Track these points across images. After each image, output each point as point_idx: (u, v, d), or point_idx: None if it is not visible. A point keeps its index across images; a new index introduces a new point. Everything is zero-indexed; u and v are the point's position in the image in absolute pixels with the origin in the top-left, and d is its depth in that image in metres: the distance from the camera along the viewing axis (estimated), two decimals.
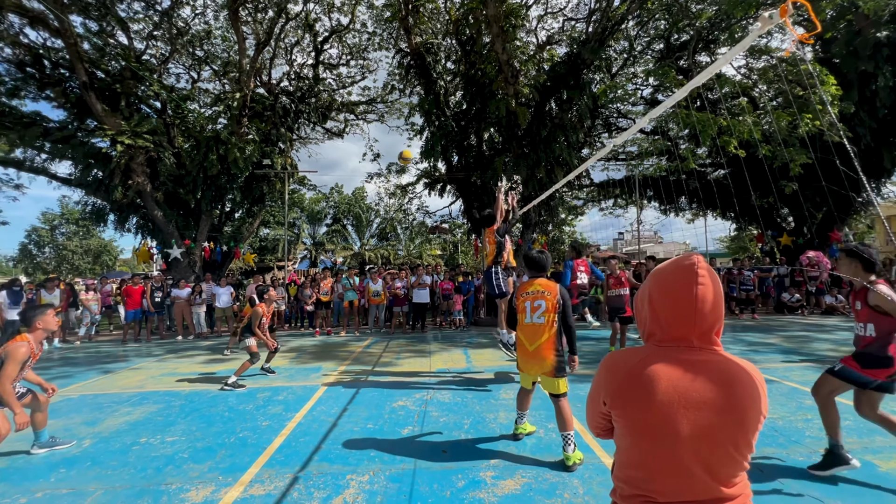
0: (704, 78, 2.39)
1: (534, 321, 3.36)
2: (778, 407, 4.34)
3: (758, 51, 13.53)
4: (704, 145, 11.42)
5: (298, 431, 4.00)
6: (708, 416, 0.97)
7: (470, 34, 14.11)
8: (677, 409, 0.97)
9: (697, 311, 1.02)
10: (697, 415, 0.97)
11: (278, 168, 16.26)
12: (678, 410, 0.97)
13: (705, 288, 1.02)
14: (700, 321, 1.02)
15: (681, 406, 0.97)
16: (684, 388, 0.98)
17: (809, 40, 1.35)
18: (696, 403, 0.97)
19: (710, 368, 1.00)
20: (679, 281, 1.03)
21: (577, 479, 2.99)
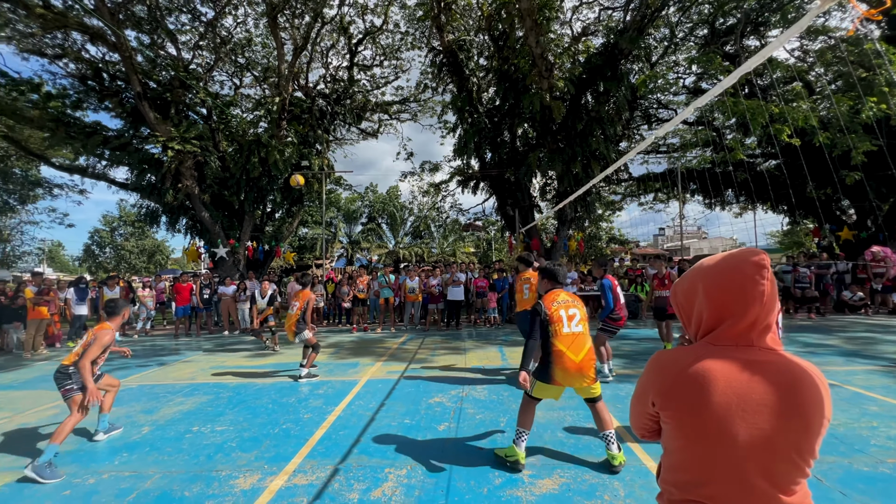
0: (756, 63, 2.25)
1: (573, 330, 3.14)
2: (839, 413, 4.05)
3: (814, 31, 12.62)
4: (754, 134, 10.78)
5: (338, 424, 4.11)
6: (769, 420, 0.91)
7: (503, 29, 13.97)
8: (735, 412, 0.92)
9: (764, 310, 0.97)
10: (757, 418, 0.91)
11: (315, 169, 16.72)
12: (736, 413, 0.92)
13: (773, 285, 0.98)
14: (764, 316, 0.97)
15: (739, 409, 0.92)
16: (743, 390, 0.93)
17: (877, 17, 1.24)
18: (755, 406, 0.92)
19: (771, 369, 0.95)
20: (744, 276, 0.98)
21: (617, 482, 2.91)
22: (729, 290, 0.99)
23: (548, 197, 16.12)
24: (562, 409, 4.38)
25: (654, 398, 1.04)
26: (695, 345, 1.05)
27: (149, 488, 2.97)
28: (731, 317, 0.99)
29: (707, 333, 1.04)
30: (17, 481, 3.13)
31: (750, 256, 1.00)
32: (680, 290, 1.11)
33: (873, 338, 7.87)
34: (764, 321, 0.98)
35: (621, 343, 8.16)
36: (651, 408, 1.06)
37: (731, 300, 0.99)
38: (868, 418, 3.90)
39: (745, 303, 0.98)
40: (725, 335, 1.00)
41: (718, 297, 1.01)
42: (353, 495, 2.82)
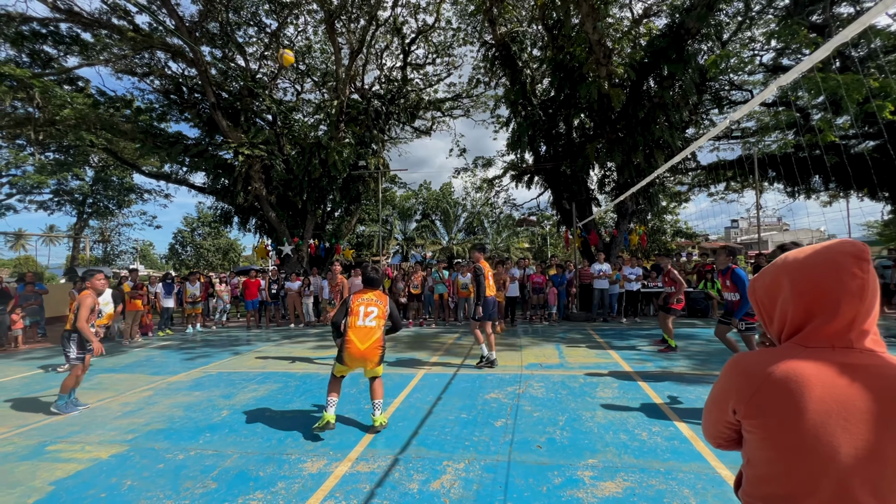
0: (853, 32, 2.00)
1: (366, 324, 3.87)
2: None
3: None
4: (848, 113, 9.62)
5: (398, 416, 4.23)
6: (876, 430, 0.81)
7: (557, 17, 13.51)
8: (836, 422, 0.83)
9: (864, 302, 0.86)
10: (862, 428, 0.82)
11: (372, 168, 17.24)
12: (837, 423, 0.83)
13: (873, 277, 0.87)
14: (865, 314, 0.86)
15: (840, 418, 0.83)
16: (844, 398, 0.83)
17: None
18: (859, 414, 0.82)
19: (876, 373, 0.84)
20: (841, 269, 0.88)
21: (687, 489, 2.75)
22: (821, 285, 0.89)
23: (606, 189, 15.46)
24: (625, 410, 4.21)
25: (735, 405, 0.96)
26: (782, 346, 0.95)
27: (228, 466, 3.24)
28: (823, 314, 0.89)
29: (794, 334, 0.94)
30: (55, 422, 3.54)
31: (848, 247, 0.89)
32: (760, 286, 1.02)
33: None
34: (864, 320, 0.87)
35: (689, 343, 7.67)
36: (731, 416, 0.98)
37: (824, 296, 0.89)
38: None
39: (840, 299, 0.87)
40: (818, 335, 0.90)
41: (809, 292, 0.91)
42: (412, 485, 2.89)
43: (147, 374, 6.39)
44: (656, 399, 4.53)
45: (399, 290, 11.60)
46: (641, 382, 5.17)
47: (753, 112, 15.37)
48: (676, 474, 2.95)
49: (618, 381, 5.24)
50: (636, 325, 10.05)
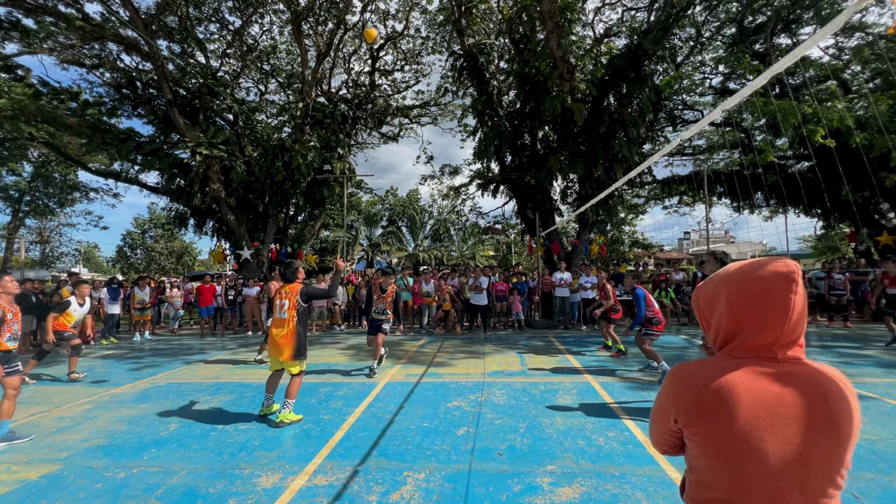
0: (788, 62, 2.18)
1: (281, 315, 4.39)
2: (879, 428, 3.86)
3: (850, 28, 12.12)
4: (785, 135, 10.42)
5: (358, 426, 4.15)
6: (800, 434, 0.87)
7: (524, 32, 13.91)
8: (763, 428, 0.88)
9: (791, 322, 0.92)
10: (787, 433, 0.88)
11: (337, 173, 16.99)
12: (764, 428, 0.88)
13: (801, 298, 0.93)
14: (789, 332, 0.93)
15: (766, 423, 0.88)
16: (770, 404, 0.89)
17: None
18: (784, 420, 0.88)
19: (798, 380, 0.91)
20: (774, 289, 0.94)
21: (640, 493, 2.84)
22: (752, 301, 0.95)
23: (569, 200, 15.93)
24: (583, 415, 4.31)
25: (676, 415, 1.00)
26: (716, 357, 1.01)
27: (175, 484, 3.06)
28: (752, 328, 0.95)
29: (727, 343, 1.00)
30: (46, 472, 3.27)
31: (780, 267, 0.95)
32: (702, 296, 1.08)
33: None
34: (790, 336, 0.94)
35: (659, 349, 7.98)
36: (674, 424, 1.02)
37: (754, 311, 0.95)
38: None
39: (768, 316, 0.93)
40: (746, 347, 0.96)
41: (740, 306, 0.97)
42: (371, 497, 2.84)
43: (86, 386, 5.95)
44: (613, 404, 4.68)
45: (362, 296, 11.44)
46: (599, 388, 5.33)
47: (704, 131, 16.35)
48: (630, 478, 3.04)
49: (577, 388, 5.38)
50: (595, 332, 10.36)
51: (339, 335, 10.71)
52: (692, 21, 13.86)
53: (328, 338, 10.30)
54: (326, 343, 9.39)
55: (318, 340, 9.88)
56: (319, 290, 4.61)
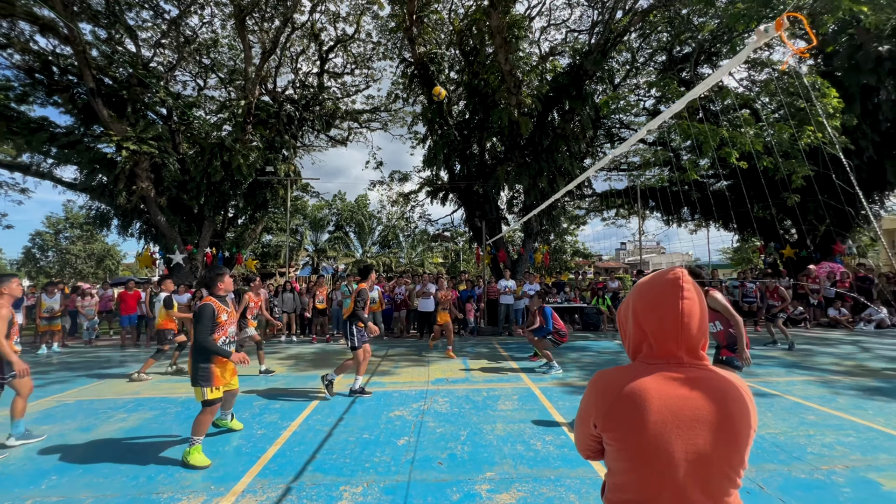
0: (702, 90, 2.39)
1: None
2: (780, 422, 4.28)
3: (759, 63, 13.59)
4: (706, 157, 11.43)
5: (293, 440, 3.96)
6: (702, 435, 0.94)
7: (473, 45, 14.26)
8: (671, 430, 0.94)
9: (684, 326, 0.99)
10: (691, 434, 0.94)
11: (281, 175, 16.36)
12: (672, 431, 0.94)
13: (691, 302, 0.99)
14: (687, 336, 0.99)
15: (674, 426, 0.94)
16: (677, 407, 0.95)
17: (806, 54, 1.37)
18: (689, 422, 0.94)
19: (701, 385, 0.97)
20: (664, 295, 1.01)
21: (573, 494, 2.94)
22: (649, 308, 1.03)
23: (515, 210, 16.41)
24: (523, 421, 4.41)
25: (595, 420, 1.05)
26: (631, 364, 1.07)
27: None
28: (656, 334, 1.02)
29: (637, 352, 1.06)
30: None
31: (669, 275, 1.03)
32: (621, 308, 1.15)
33: (811, 350, 8.41)
34: (688, 337, 1.00)
35: (582, 355, 8.34)
36: (593, 429, 1.06)
37: (652, 318, 1.02)
38: (806, 427, 4.14)
39: (665, 321, 1.00)
40: (655, 353, 1.02)
41: (644, 314, 1.04)
42: None
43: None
44: (551, 409, 4.83)
45: (304, 304, 11.04)
46: (539, 394, 5.48)
47: (638, 149, 17.54)
48: (565, 480, 3.14)
49: (518, 394, 5.50)
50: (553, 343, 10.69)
51: (280, 345, 10.23)
52: (628, 47, 14.88)
53: (266, 348, 9.80)
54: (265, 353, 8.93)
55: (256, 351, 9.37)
56: (198, 326, 3.57)
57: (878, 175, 12.70)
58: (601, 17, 13.68)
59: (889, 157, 12.29)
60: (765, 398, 5.12)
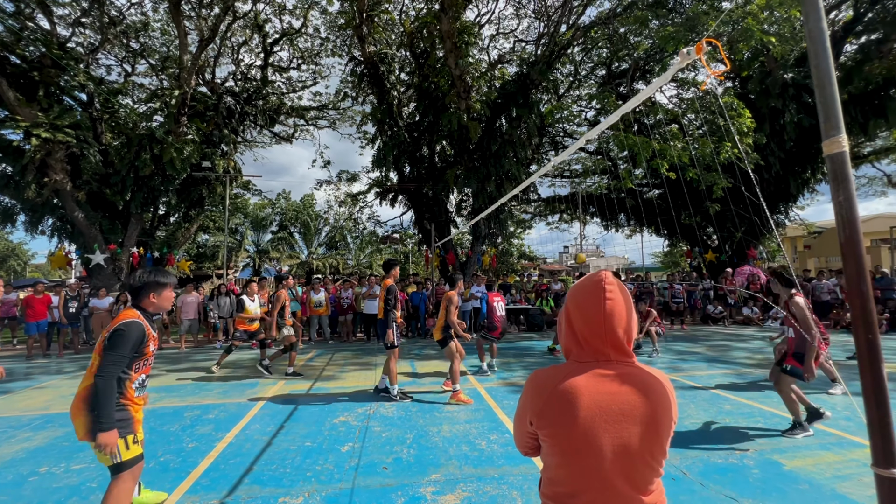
0: (634, 105, 2.57)
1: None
2: (701, 412, 4.66)
3: (687, 83, 14.78)
4: (640, 167, 12.25)
5: (229, 452, 3.74)
6: (627, 428, 1.00)
7: (424, 48, 14.30)
8: (599, 424, 0.99)
9: (608, 326, 1.05)
10: (617, 428, 0.99)
11: (220, 171, 15.45)
12: (600, 425, 0.99)
13: (614, 302, 1.05)
14: (612, 335, 1.06)
15: (602, 420, 1.00)
16: (605, 403, 1.01)
17: (721, 77, 1.54)
18: (615, 417, 1.00)
19: (627, 381, 1.04)
20: (590, 297, 1.07)
21: (516, 491, 3.02)
22: (578, 308, 1.09)
23: (464, 213, 16.63)
24: (468, 422, 4.46)
25: (531, 417, 1.09)
26: (565, 363, 1.12)
27: None
28: (585, 334, 1.08)
29: (571, 352, 1.12)
30: None
31: (594, 277, 1.10)
32: (559, 314, 1.20)
33: (729, 345, 9.25)
34: (613, 336, 1.06)
35: (526, 354, 8.61)
36: (529, 427, 1.11)
37: (582, 319, 1.08)
38: (723, 416, 4.54)
39: (592, 321, 1.06)
40: (585, 352, 1.08)
41: (574, 315, 1.10)
42: None
43: None
44: (496, 408, 4.93)
45: None
46: (485, 393, 5.58)
47: (580, 157, 18.44)
48: (508, 478, 3.22)
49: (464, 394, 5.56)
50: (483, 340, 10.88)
51: (216, 352, 9.62)
52: (571, 59, 15.62)
53: (201, 354, 9.21)
54: (198, 361, 8.38)
55: (188, 358, 8.77)
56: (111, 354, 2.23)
57: (783, 188, 14.26)
58: (547, 29, 14.26)
59: (792, 173, 13.85)
60: (689, 391, 5.55)
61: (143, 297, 2.45)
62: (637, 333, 1.09)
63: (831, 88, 1.33)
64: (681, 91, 15.70)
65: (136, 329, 2.30)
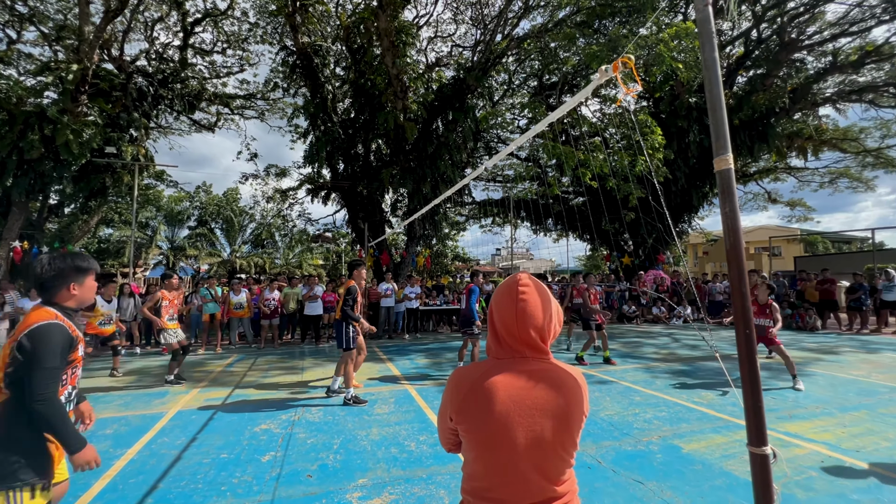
0: (558, 115, 2.72)
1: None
2: (615, 404, 5.04)
3: (609, 99, 15.97)
4: (567, 175, 13.01)
5: (129, 470, 3.37)
6: (539, 422, 1.04)
7: (361, 43, 14.02)
8: (514, 418, 1.03)
9: (521, 325, 1.10)
10: (530, 421, 1.04)
11: (128, 158, 13.93)
12: (514, 419, 1.03)
13: (525, 303, 1.10)
14: (524, 334, 1.10)
15: (516, 415, 1.03)
16: (519, 398, 1.05)
17: (634, 95, 1.69)
18: (529, 411, 1.04)
19: (541, 377, 1.09)
20: (505, 298, 1.12)
21: (443, 490, 3.05)
22: (497, 308, 1.14)
23: (398, 213, 16.53)
24: (399, 423, 4.43)
25: (451, 413, 1.11)
26: (485, 360, 1.16)
27: None
28: (503, 332, 1.13)
29: (491, 350, 1.16)
30: None
31: (512, 280, 1.15)
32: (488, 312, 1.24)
33: (640, 342, 10.11)
34: (526, 335, 1.10)
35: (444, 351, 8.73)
36: (450, 422, 1.12)
37: (500, 318, 1.12)
38: (633, 407, 4.94)
39: (508, 320, 1.11)
40: (503, 349, 1.13)
41: (495, 314, 1.15)
42: None
43: None
44: (427, 409, 4.95)
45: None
46: (416, 395, 5.58)
47: (512, 163, 19.16)
48: (436, 478, 3.24)
49: (395, 396, 5.52)
50: (417, 341, 10.89)
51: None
52: (506, 69, 16.18)
53: (97, 362, 8.21)
54: (94, 370, 7.46)
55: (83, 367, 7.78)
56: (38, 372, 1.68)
57: (688, 200, 15.93)
58: (483, 37, 14.64)
59: (694, 187, 15.53)
60: (604, 385, 5.98)
61: (58, 290, 1.89)
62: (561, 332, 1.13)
63: (721, 112, 1.50)
64: (603, 106, 16.93)
65: (59, 332, 1.78)
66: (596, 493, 2.97)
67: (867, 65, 14.62)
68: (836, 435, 4.01)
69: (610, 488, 3.04)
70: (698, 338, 10.33)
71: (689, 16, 14.08)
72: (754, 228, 33.27)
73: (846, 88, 16.22)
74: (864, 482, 3.09)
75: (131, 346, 9.46)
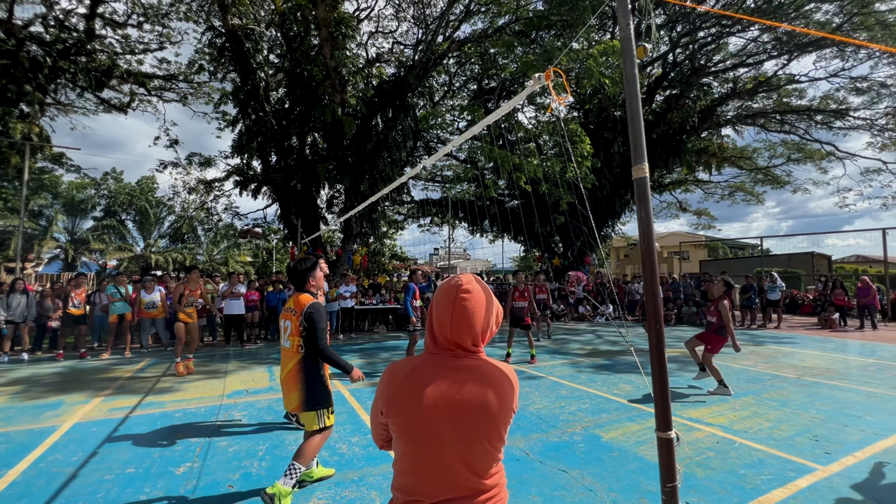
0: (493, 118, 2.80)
1: (283, 345, 3.10)
2: (542, 398, 5.28)
3: (543, 107, 16.73)
4: (503, 178, 13.43)
5: (9, 495, 2.94)
6: (466, 417, 1.06)
7: (298, 31, 13.43)
8: (441, 413, 1.04)
9: (455, 327, 1.12)
10: (459, 416, 1.05)
11: (17, 136, 12.16)
12: (442, 414, 1.04)
13: (464, 310, 1.12)
14: (459, 332, 1.12)
15: (444, 409, 1.05)
16: (448, 393, 1.06)
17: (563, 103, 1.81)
18: (456, 406, 1.06)
19: (471, 372, 1.11)
20: (445, 300, 1.14)
21: (375, 492, 3.01)
22: (436, 307, 1.15)
23: (335, 210, 16.06)
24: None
25: (382, 407, 1.10)
26: (419, 355, 1.17)
27: None
28: (440, 329, 1.14)
29: (427, 346, 1.18)
30: None
31: (453, 281, 1.16)
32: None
33: (567, 339, 10.70)
34: (460, 333, 1.12)
35: (393, 354, 8.67)
36: (381, 416, 1.12)
37: (437, 316, 1.14)
38: (560, 400, 5.22)
39: (444, 318, 1.13)
40: (438, 344, 1.14)
41: (433, 312, 1.16)
42: None
43: None
44: (360, 410, 4.85)
45: (47, 309, 8.45)
46: (348, 395, 5.45)
47: (451, 165, 19.40)
48: (368, 479, 3.19)
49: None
50: (351, 341, 10.65)
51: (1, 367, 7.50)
52: (447, 70, 16.35)
53: None
54: None
55: None
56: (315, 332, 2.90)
57: (612, 207, 17.15)
58: (425, 36, 14.66)
59: (618, 195, 16.76)
60: (534, 380, 6.26)
61: None
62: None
63: (639, 125, 1.63)
64: (538, 114, 17.70)
65: None
66: (523, 483, 3.09)
67: (760, 93, 16.73)
68: (729, 418, 4.52)
69: (537, 479, 3.18)
70: (618, 334, 11.15)
71: (617, 35, 15.17)
72: (667, 234, 36.63)
73: (743, 113, 18.45)
74: (750, 458, 3.53)
75: (15, 353, 8.25)
